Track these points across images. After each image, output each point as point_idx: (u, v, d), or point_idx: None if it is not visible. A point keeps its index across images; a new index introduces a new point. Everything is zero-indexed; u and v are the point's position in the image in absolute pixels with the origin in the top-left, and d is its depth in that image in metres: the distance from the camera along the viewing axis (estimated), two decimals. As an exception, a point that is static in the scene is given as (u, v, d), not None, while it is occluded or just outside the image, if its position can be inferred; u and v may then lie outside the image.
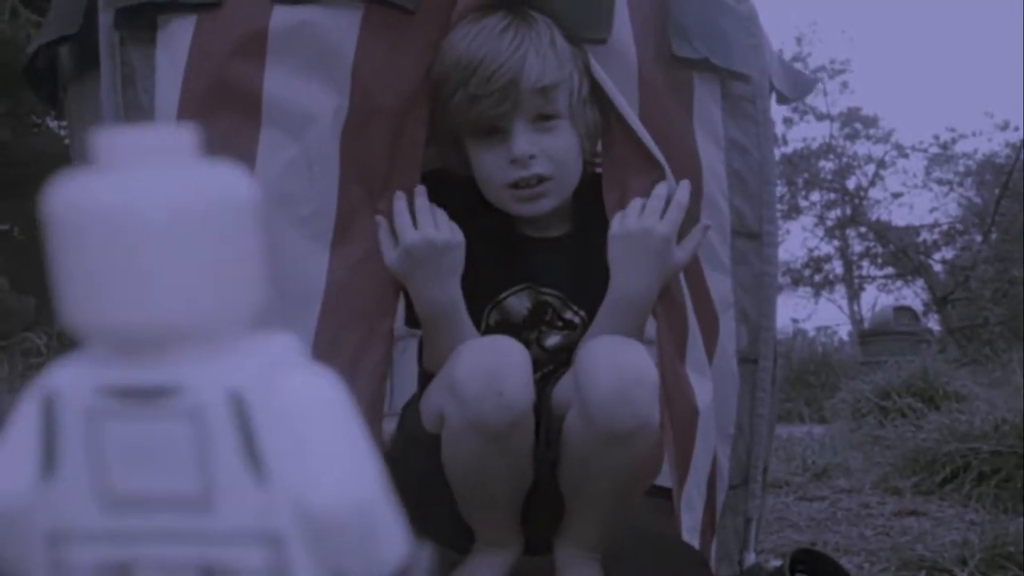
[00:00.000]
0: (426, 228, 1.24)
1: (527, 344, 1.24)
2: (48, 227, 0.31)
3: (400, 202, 1.26)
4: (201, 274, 0.30)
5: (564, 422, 1.27)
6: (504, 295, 1.40)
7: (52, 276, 0.31)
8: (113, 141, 0.31)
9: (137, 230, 0.30)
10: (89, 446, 0.30)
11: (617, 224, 1.30)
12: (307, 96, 1.21)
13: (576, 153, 1.34)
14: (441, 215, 1.27)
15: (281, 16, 1.19)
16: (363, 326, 1.24)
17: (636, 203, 1.30)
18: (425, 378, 1.39)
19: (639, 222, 1.29)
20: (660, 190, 1.30)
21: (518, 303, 1.40)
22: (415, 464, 1.31)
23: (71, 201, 0.30)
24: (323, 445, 0.31)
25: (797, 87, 1.62)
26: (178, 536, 0.30)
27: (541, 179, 1.31)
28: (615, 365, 1.20)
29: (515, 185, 1.32)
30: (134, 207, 0.30)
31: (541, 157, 1.31)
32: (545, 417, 1.31)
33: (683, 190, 1.31)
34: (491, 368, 1.18)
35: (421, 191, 1.27)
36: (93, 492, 0.30)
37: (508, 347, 1.22)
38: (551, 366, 1.40)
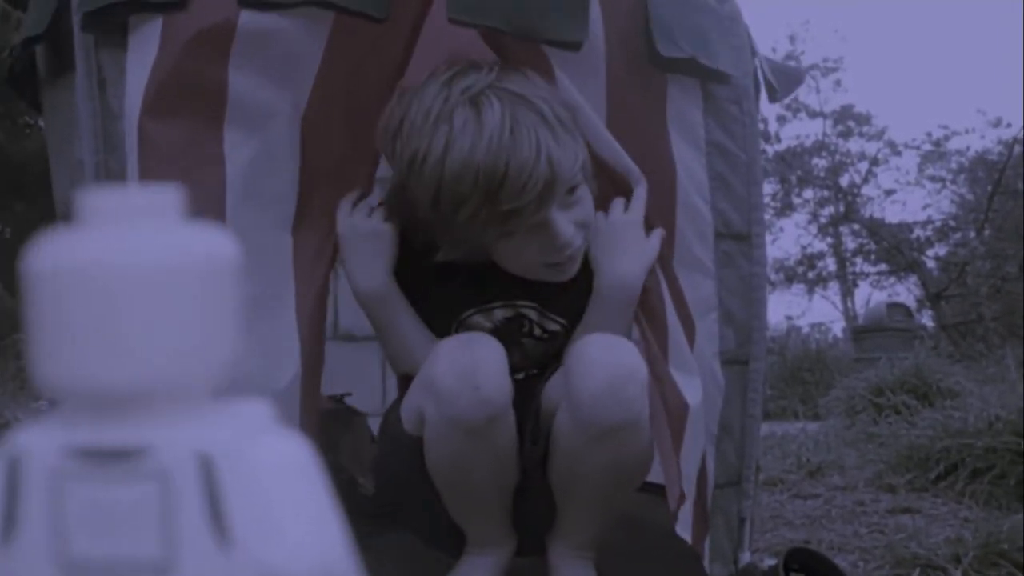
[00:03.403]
0: (355, 215, 1.31)
1: (508, 354, 1.25)
2: (27, 285, 0.31)
3: (346, 198, 1.32)
4: (176, 335, 0.30)
5: (554, 419, 1.27)
6: (472, 312, 1.39)
7: (27, 335, 0.31)
8: (97, 201, 0.31)
9: (113, 288, 0.29)
10: (51, 509, 0.30)
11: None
12: (270, 95, 1.23)
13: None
14: (377, 211, 1.32)
15: (248, 19, 1.18)
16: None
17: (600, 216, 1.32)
18: (404, 382, 1.39)
19: (605, 220, 1.32)
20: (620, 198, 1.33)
21: (498, 313, 1.40)
22: (400, 467, 1.32)
23: (50, 258, 0.30)
24: (288, 509, 0.30)
25: (786, 83, 1.61)
26: None
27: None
28: (606, 362, 1.20)
29: (554, 264, 1.30)
30: (111, 265, 0.30)
31: (577, 230, 1.28)
32: (534, 415, 1.31)
33: (640, 187, 1.33)
34: (466, 363, 1.18)
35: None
36: (53, 557, 0.30)
37: (483, 343, 1.22)
38: (535, 369, 1.40)
